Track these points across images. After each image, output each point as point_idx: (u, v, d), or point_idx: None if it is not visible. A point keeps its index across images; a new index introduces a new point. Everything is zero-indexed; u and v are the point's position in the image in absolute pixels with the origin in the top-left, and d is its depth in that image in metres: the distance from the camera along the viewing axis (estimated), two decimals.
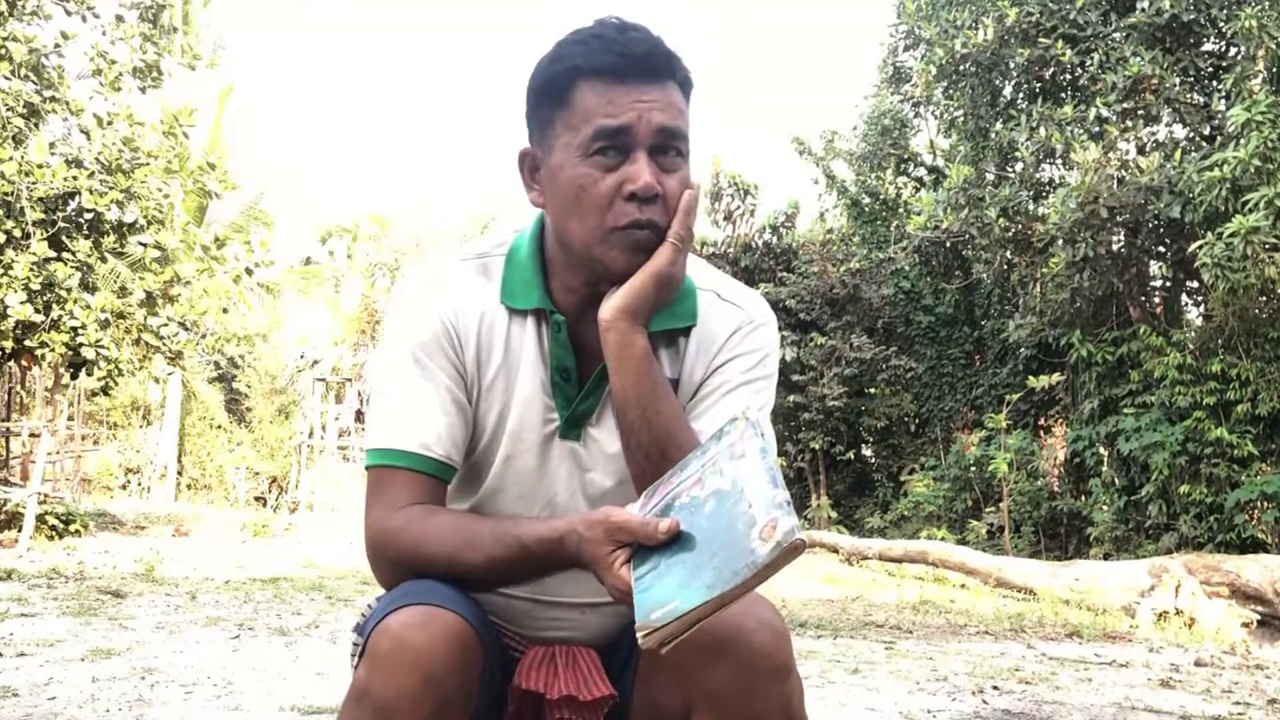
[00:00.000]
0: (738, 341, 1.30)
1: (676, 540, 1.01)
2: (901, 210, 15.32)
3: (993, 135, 11.88)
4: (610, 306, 1.21)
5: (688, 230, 1.20)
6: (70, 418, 14.41)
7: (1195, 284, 11.79)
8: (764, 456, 0.99)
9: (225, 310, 11.11)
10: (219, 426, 21.68)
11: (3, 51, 8.56)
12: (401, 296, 1.31)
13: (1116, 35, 10.55)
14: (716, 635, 1.05)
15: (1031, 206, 11.29)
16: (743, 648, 1.06)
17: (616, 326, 1.20)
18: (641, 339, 1.20)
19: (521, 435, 1.29)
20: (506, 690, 1.26)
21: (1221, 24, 10.12)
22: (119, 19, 9.47)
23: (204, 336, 11.60)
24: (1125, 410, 11.03)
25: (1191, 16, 10.16)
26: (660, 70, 1.21)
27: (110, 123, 9.23)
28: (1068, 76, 11.71)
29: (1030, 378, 12.04)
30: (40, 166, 8.57)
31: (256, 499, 20.44)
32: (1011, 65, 11.43)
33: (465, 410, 1.28)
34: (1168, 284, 12.41)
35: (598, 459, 1.30)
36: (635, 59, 1.19)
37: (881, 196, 16.34)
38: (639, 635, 0.94)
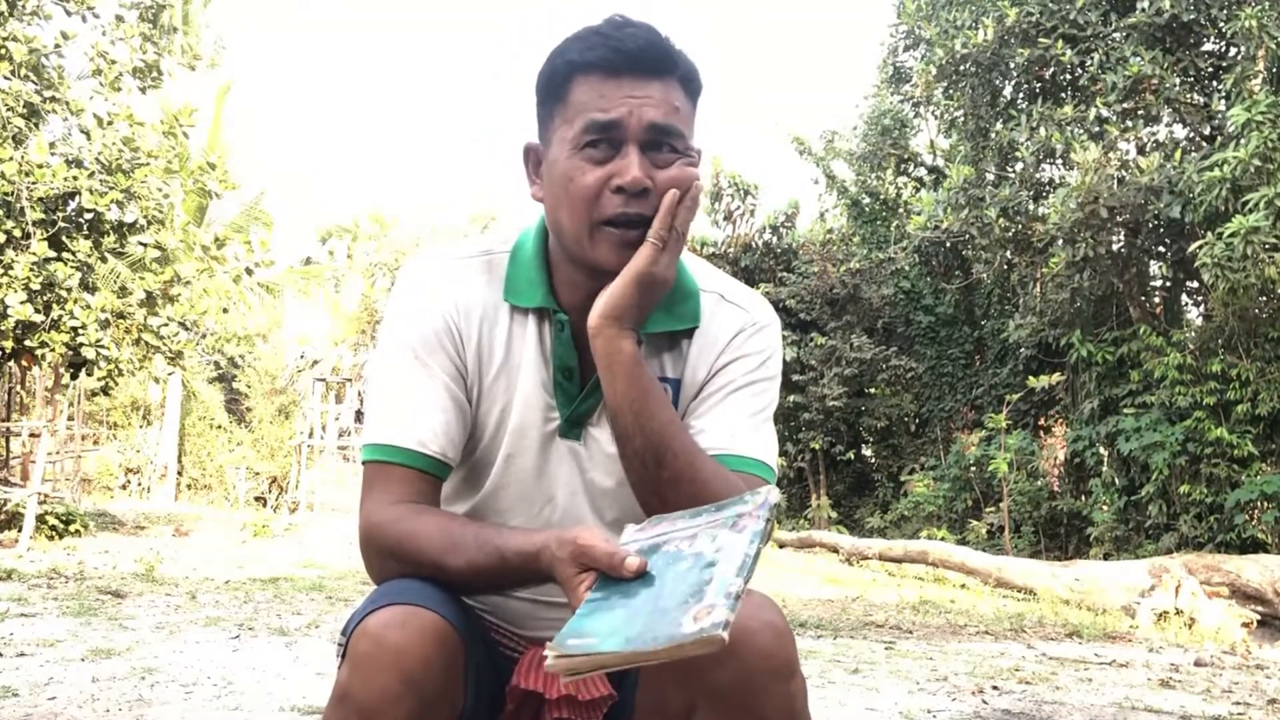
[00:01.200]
0: (741, 343, 1.30)
1: (640, 579, 1.00)
2: (901, 210, 15.34)
3: (993, 135, 11.88)
4: (595, 313, 1.19)
5: (668, 230, 1.17)
6: (70, 418, 14.39)
7: (1195, 284, 11.80)
8: (752, 542, 0.98)
9: (225, 310, 11.11)
10: (219, 426, 21.67)
11: (3, 51, 8.56)
12: (402, 290, 1.30)
13: (1116, 35, 10.56)
14: None
15: (1031, 206, 11.30)
16: (746, 648, 1.05)
17: (603, 333, 1.18)
18: (629, 344, 1.19)
19: (523, 434, 1.29)
20: (504, 690, 1.25)
21: (1221, 24, 10.13)
22: (119, 19, 9.46)
23: (204, 336, 11.61)
24: (1125, 410, 11.03)
25: (1191, 16, 10.17)
26: (656, 66, 1.20)
27: (110, 123, 9.23)
28: (1068, 76, 11.72)
29: (1030, 378, 12.05)
30: (40, 166, 8.57)
31: (256, 499, 20.42)
32: (1011, 65, 11.43)
33: (464, 408, 1.27)
34: (1168, 284, 12.42)
35: (598, 459, 1.29)
36: (629, 54, 1.19)
37: (881, 196, 16.35)
38: (547, 654, 0.94)
